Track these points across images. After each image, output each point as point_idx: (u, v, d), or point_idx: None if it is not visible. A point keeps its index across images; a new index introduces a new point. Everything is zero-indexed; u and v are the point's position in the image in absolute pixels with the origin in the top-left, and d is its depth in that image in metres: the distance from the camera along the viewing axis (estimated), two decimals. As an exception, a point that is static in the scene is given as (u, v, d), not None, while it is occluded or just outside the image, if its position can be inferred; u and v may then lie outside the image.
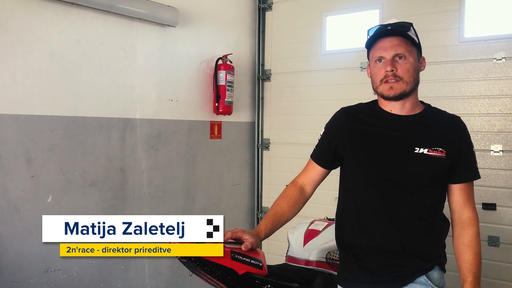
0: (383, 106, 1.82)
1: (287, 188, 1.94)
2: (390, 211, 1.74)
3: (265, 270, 1.60)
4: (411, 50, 1.73)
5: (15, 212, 2.64)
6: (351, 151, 1.83)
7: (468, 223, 1.77)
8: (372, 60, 1.79)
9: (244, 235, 1.66)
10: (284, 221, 1.87)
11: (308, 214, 2.82)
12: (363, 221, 1.78)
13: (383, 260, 1.73)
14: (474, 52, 3.28)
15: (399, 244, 1.72)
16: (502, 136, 3.20)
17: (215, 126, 3.92)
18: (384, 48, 1.72)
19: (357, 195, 1.82)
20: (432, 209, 1.78)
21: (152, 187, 3.40)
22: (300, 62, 4.10)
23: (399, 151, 1.74)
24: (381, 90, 1.75)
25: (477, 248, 1.74)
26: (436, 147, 1.72)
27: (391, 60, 1.71)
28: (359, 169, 1.81)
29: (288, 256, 2.28)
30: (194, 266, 1.50)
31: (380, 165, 1.75)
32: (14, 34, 2.62)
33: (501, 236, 3.19)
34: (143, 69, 3.32)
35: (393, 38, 1.72)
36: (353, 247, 1.80)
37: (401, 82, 1.71)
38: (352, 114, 1.89)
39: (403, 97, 1.74)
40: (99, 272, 3.05)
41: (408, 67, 1.71)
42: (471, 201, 1.80)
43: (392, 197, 1.74)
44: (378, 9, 3.67)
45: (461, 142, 1.76)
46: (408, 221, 1.74)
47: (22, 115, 2.66)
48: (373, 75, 1.78)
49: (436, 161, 1.72)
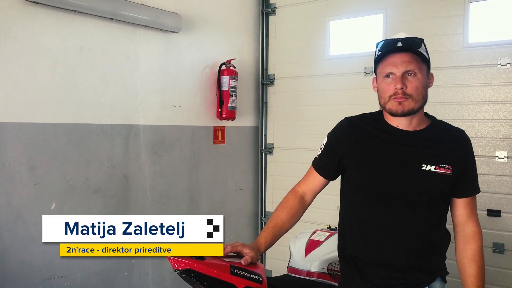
0: (390, 121, 1.79)
1: (287, 198, 1.91)
2: (396, 227, 1.72)
3: (265, 284, 1.59)
4: (421, 67, 1.70)
5: (19, 220, 2.65)
6: (357, 165, 1.80)
7: (472, 236, 1.76)
8: (380, 75, 1.74)
9: (244, 249, 1.65)
10: (284, 232, 1.86)
11: (310, 219, 2.81)
12: (367, 235, 1.76)
13: (387, 274, 1.73)
14: (478, 58, 3.25)
15: (404, 260, 1.72)
16: (507, 142, 3.17)
17: (219, 131, 3.91)
18: (395, 64, 1.68)
19: (361, 208, 1.79)
20: (437, 224, 1.78)
21: (155, 193, 3.41)
22: (303, 67, 4.08)
23: (407, 167, 1.72)
24: (389, 107, 1.71)
25: (481, 262, 1.75)
26: (443, 164, 1.70)
27: (401, 77, 1.67)
28: (364, 184, 1.78)
29: (289, 267, 2.27)
30: (193, 281, 1.50)
31: (387, 181, 1.73)
32: (17, 42, 2.63)
33: (506, 243, 3.16)
34: (146, 76, 3.32)
35: (404, 54, 1.68)
36: (356, 260, 1.78)
37: (410, 100, 1.67)
38: (357, 125, 1.84)
39: (411, 114, 1.71)
40: (103, 278, 3.06)
41: (417, 85, 1.68)
42: (474, 215, 1.79)
43: (399, 213, 1.72)
44: (382, 14, 3.64)
45: (467, 157, 1.76)
46: (414, 237, 1.72)
47: (25, 123, 2.67)
48: (381, 91, 1.74)
49: (443, 178, 1.70)
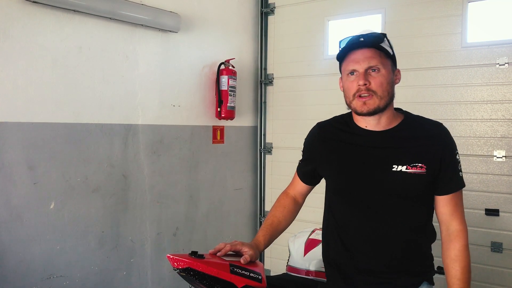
0: (358, 122, 1.75)
1: (280, 198, 1.96)
2: (373, 232, 1.68)
3: (264, 283, 1.60)
4: (385, 62, 1.64)
5: (18, 219, 2.65)
6: (330, 172, 1.80)
7: (455, 235, 1.67)
8: (344, 73, 1.71)
9: (243, 247, 1.66)
10: (281, 230, 1.89)
11: (308, 218, 2.82)
12: (347, 241, 1.73)
13: (370, 279, 1.69)
14: (477, 57, 3.26)
15: (384, 265, 1.67)
16: (505, 142, 3.18)
17: (218, 131, 3.92)
18: (357, 60, 1.64)
19: (339, 215, 1.77)
20: (419, 226, 1.71)
21: (154, 192, 3.41)
22: (302, 67, 4.09)
23: (377, 170, 1.66)
24: (354, 106, 1.67)
25: (465, 262, 1.64)
26: (415, 163, 1.63)
27: (364, 73, 1.62)
28: (338, 190, 1.77)
29: (288, 266, 2.27)
30: (193, 280, 1.50)
31: (358, 186, 1.69)
32: (16, 41, 2.62)
33: (504, 242, 3.17)
34: (145, 75, 3.32)
35: (366, 50, 1.63)
36: (339, 264, 1.76)
37: (375, 97, 1.62)
38: (327, 130, 1.85)
39: (378, 113, 1.65)
40: (102, 278, 3.06)
41: (381, 80, 1.62)
42: (458, 212, 1.69)
43: (374, 217, 1.68)
44: (381, 14, 3.65)
45: (444, 153, 1.65)
46: (393, 241, 1.67)
47: (24, 122, 2.67)
48: (346, 89, 1.71)
49: (416, 178, 1.63)
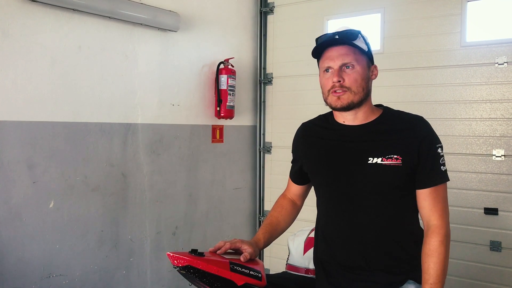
0: (337, 118, 1.79)
1: (279, 200, 2.01)
2: (351, 227, 1.69)
3: (264, 281, 1.60)
4: (359, 58, 1.67)
5: (17, 218, 2.65)
6: (311, 168, 1.84)
7: (432, 230, 1.64)
8: (320, 70, 1.74)
9: (243, 245, 1.66)
10: (280, 231, 1.91)
11: (309, 218, 2.82)
12: (328, 237, 1.76)
13: (352, 276, 1.70)
14: (476, 57, 3.27)
15: (363, 260, 1.68)
16: (504, 141, 3.18)
17: (217, 130, 3.92)
18: (331, 58, 1.67)
19: (322, 210, 1.82)
20: (398, 221, 1.70)
21: (153, 191, 3.41)
22: (302, 66, 4.08)
23: (353, 163, 1.68)
24: (329, 101, 1.71)
25: (439, 258, 1.60)
26: (390, 155, 1.64)
27: (338, 70, 1.65)
28: (320, 185, 1.82)
29: (288, 264, 2.28)
30: (193, 278, 1.50)
31: (336, 179, 1.72)
32: (15, 40, 2.62)
33: (503, 241, 3.18)
34: (145, 74, 3.32)
35: (341, 47, 1.66)
36: (323, 262, 1.78)
37: (349, 93, 1.65)
38: (309, 128, 1.89)
39: (353, 108, 1.69)
40: (101, 277, 3.06)
41: (355, 77, 1.65)
42: (438, 207, 1.65)
43: (353, 212, 1.69)
44: (380, 13, 3.65)
45: (421, 145, 1.64)
46: (372, 236, 1.67)
47: (24, 121, 2.67)
48: (322, 86, 1.74)
49: (392, 170, 1.63)
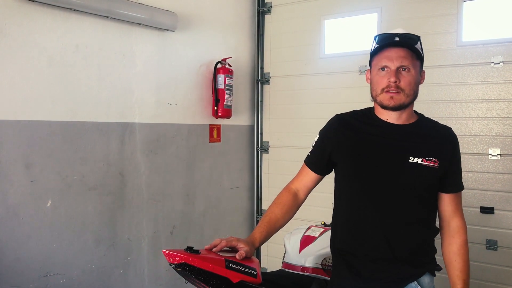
0: (379, 115, 1.83)
1: (281, 194, 1.96)
2: (382, 220, 1.75)
3: (259, 278, 1.61)
4: (415, 63, 1.75)
5: (14, 217, 2.65)
6: (345, 159, 1.85)
7: (457, 231, 1.82)
8: (375, 67, 1.78)
9: (238, 243, 1.67)
10: (278, 228, 1.90)
11: (305, 217, 2.83)
12: (354, 228, 1.80)
13: (374, 267, 1.76)
14: (472, 56, 3.28)
15: (390, 253, 1.74)
16: (500, 140, 3.20)
17: (214, 129, 3.93)
18: (390, 58, 1.73)
19: (350, 202, 1.84)
20: (426, 218, 1.81)
21: (151, 191, 3.42)
22: (299, 66, 4.10)
23: (394, 160, 1.75)
24: (381, 99, 1.76)
25: (466, 256, 1.81)
26: (429, 157, 1.74)
27: (396, 72, 1.71)
28: (352, 177, 1.83)
29: (284, 262, 2.28)
30: (189, 275, 1.51)
31: (374, 174, 1.76)
32: (12, 40, 2.63)
33: (499, 240, 3.19)
34: (142, 74, 3.33)
35: (400, 49, 1.73)
36: (345, 253, 1.82)
37: (402, 94, 1.72)
38: (346, 121, 1.89)
39: (401, 109, 1.76)
40: (99, 276, 3.07)
41: (410, 80, 1.73)
42: (459, 210, 1.85)
43: (385, 206, 1.75)
44: (377, 13, 3.67)
45: (453, 153, 1.81)
46: (401, 230, 1.75)
47: (21, 120, 2.67)
48: (374, 83, 1.78)
49: (429, 171, 1.74)
